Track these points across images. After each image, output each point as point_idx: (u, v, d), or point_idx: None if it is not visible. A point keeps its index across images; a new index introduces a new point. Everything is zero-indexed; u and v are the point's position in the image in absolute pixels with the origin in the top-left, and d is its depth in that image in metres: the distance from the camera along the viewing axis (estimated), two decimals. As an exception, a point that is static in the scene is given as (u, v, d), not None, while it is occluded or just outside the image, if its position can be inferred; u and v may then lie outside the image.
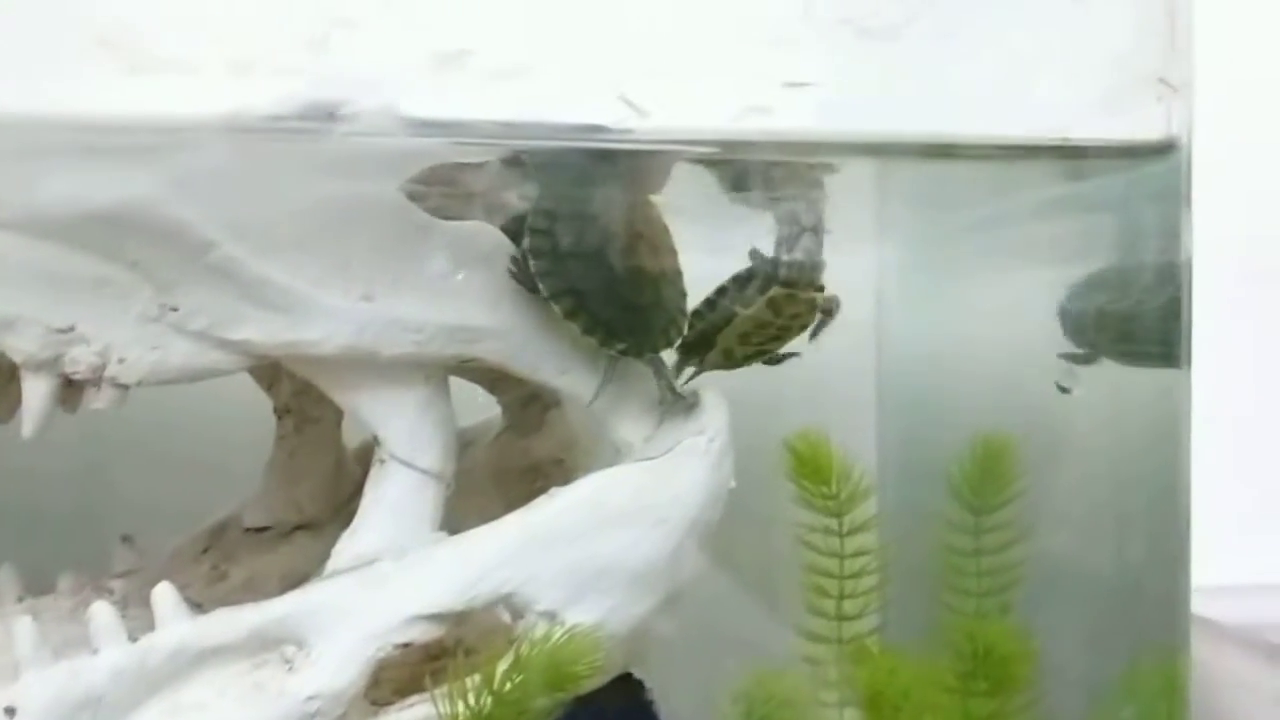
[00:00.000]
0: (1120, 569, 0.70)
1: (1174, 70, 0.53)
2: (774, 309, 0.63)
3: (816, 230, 0.60)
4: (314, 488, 0.72)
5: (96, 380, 0.56)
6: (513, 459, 0.75)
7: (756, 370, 0.75)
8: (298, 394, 0.72)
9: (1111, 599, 0.71)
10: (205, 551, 0.71)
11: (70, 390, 0.57)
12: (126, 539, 0.69)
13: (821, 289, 0.62)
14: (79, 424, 0.59)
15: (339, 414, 0.73)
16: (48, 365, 0.56)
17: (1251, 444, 1.08)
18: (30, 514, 0.69)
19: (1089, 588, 0.75)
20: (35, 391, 0.56)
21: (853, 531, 0.77)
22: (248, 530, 0.72)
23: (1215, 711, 0.94)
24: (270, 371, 0.71)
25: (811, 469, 0.76)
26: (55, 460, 0.66)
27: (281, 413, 0.72)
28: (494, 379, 0.73)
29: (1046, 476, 0.71)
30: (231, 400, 0.71)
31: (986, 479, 0.79)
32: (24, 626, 0.56)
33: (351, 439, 0.74)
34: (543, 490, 0.65)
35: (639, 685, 0.76)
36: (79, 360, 0.56)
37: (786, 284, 0.61)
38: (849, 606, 0.78)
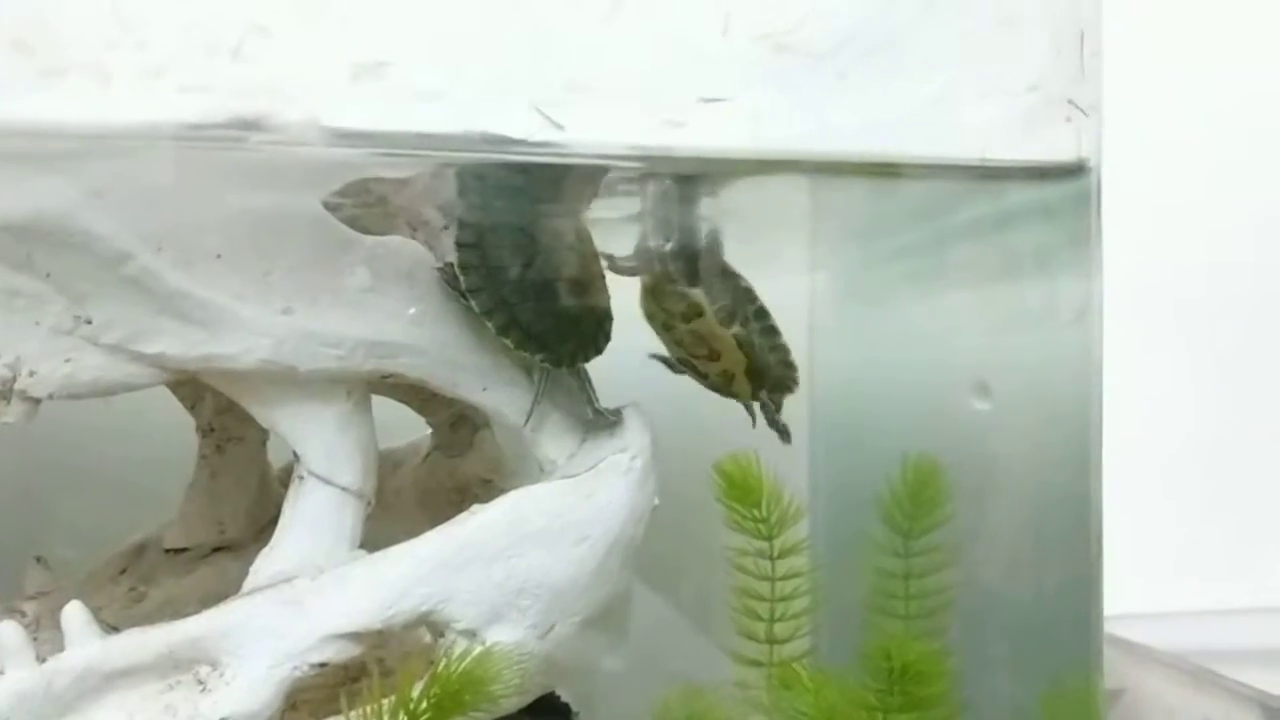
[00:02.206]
0: (1038, 591, 0.70)
1: (1083, 93, 0.54)
2: (655, 299, 0.64)
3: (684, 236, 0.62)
4: (236, 508, 0.71)
5: (6, 394, 0.55)
6: (441, 479, 0.75)
7: (688, 394, 0.75)
8: (221, 412, 0.71)
9: (1029, 620, 0.71)
10: (123, 573, 0.69)
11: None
12: (39, 559, 0.67)
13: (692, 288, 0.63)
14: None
15: (264, 433, 0.72)
16: (-45, 378, 0.54)
17: (1181, 472, 1.10)
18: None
19: (1009, 609, 0.75)
20: (-59, 405, 0.55)
21: (784, 554, 0.77)
22: (167, 551, 0.70)
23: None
24: (193, 390, 0.70)
25: (741, 491, 0.76)
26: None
27: (204, 431, 0.71)
28: (423, 399, 0.72)
29: (971, 499, 0.72)
30: (152, 418, 0.71)
31: (915, 502, 0.79)
32: (-75, 648, 0.55)
33: (276, 459, 0.73)
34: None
35: (565, 708, 0.75)
36: (-18, 378, 0.55)
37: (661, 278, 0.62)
38: (780, 629, 0.77)
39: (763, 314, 0.69)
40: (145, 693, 0.57)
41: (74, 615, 0.57)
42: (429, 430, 0.75)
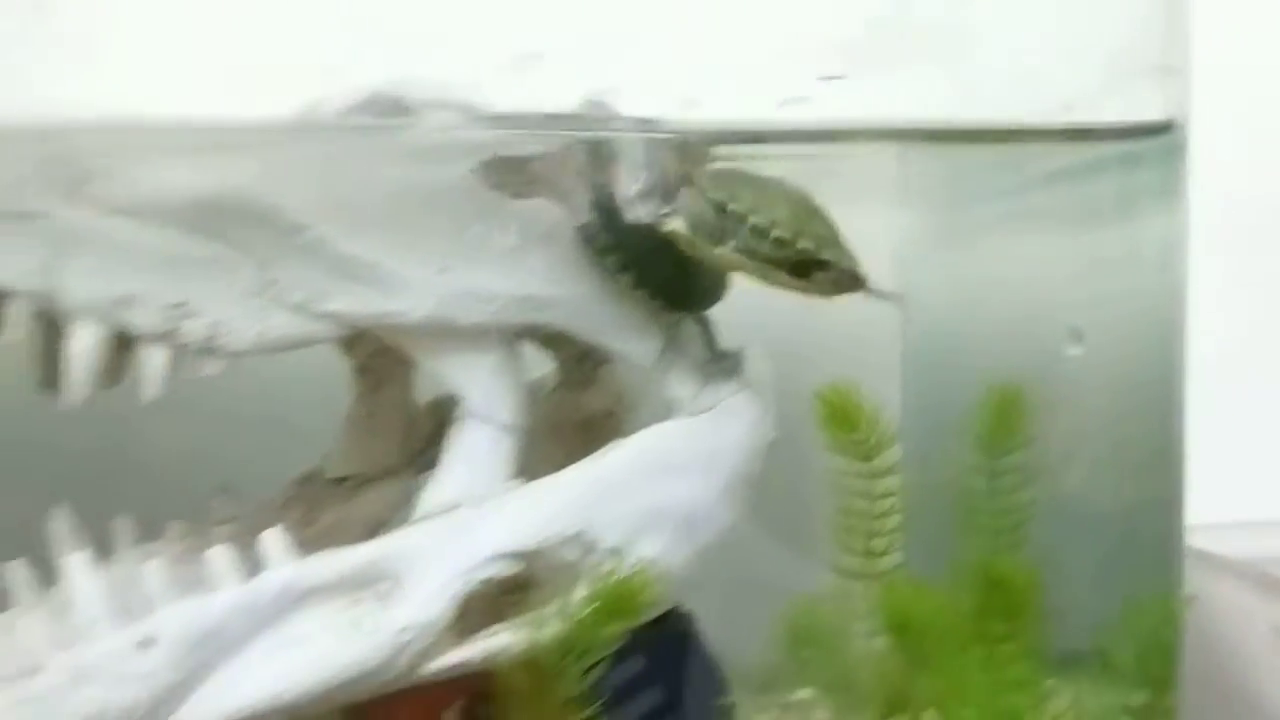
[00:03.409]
0: (1120, 507, 0.76)
1: (1172, 57, 0.59)
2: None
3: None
4: (389, 440, 0.79)
5: (209, 350, 0.63)
6: (567, 412, 0.82)
7: (791, 328, 0.82)
8: (374, 356, 0.79)
9: (1112, 534, 0.77)
10: (294, 500, 0.78)
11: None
12: (225, 490, 0.76)
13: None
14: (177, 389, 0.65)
15: (410, 374, 0.80)
16: (164, 337, 0.62)
17: (1251, 386, 1.14)
18: (140, 470, 0.77)
19: (1093, 524, 0.81)
20: (153, 362, 0.63)
21: (879, 475, 0.83)
22: (330, 481, 0.79)
23: (1213, 641, 1.01)
24: (349, 336, 0.78)
25: (841, 417, 0.82)
26: (159, 422, 0.73)
27: (359, 373, 0.79)
28: (549, 337, 0.80)
29: (1055, 422, 0.77)
30: (306, 363, 0.78)
31: (1000, 427, 0.85)
32: (155, 568, 0.63)
33: (421, 397, 0.81)
34: (595, 441, 0.72)
35: (688, 618, 0.83)
36: (192, 333, 0.63)
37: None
38: (877, 544, 0.84)
39: (760, 232, 0.68)
40: (334, 607, 0.66)
41: (272, 540, 0.65)
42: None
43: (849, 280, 0.68)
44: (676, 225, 0.65)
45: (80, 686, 0.61)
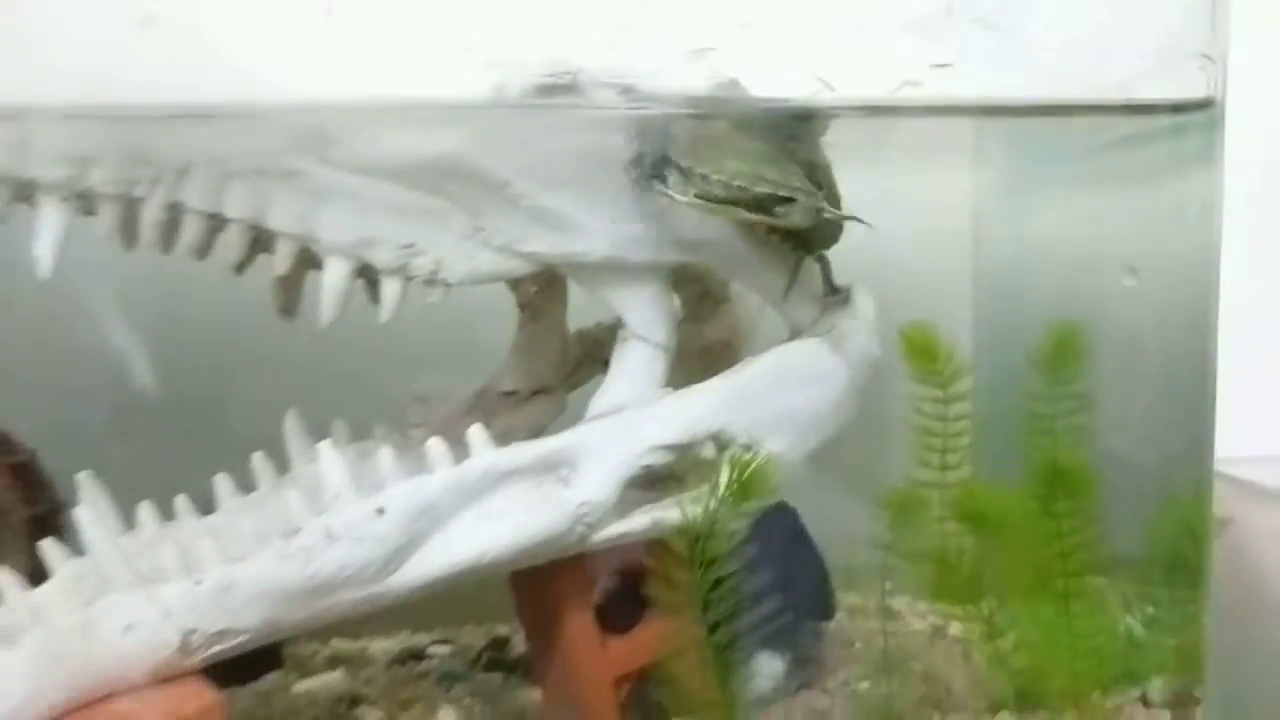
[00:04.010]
0: (1165, 423, 0.90)
1: (1213, 45, 0.73)
2: None
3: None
4: (547, 362, 0.95)
5: (431, 281, 0.79)
6: (691, 342, 0.97)
7: (876, 273, 0.96)
8: (535, 293, 0.95)
9: (1153, 448, 0.92)
10: (473, 409, 0.94)
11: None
12: (420, 399, 0.92)
13: None
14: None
15: (563, 309, 0.96)
16: (398, 271, 0.79)
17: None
18: (351, 384, 0.93)
19: (1138, 441, 0.95)
20: (390, 290, 0.79)
21: (953, 400, 0.98)
22: (500, 394, 0.95)
23: (1247, 558, 1.14)
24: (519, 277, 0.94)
25: (921, 351, 0.97)
26: (365, 344, 0.89)
27: (522, 308, 0.95)
28: (677, 279, 0.95)
29: (1106, 354, 0.92)
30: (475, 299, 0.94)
31: (1060, 359, 0.99)
32: (386, 454, 0.80)
33: (572, 326, 0.97)
34: (713, 366, 0.87)
35: (793, 512, 0.99)
36: (419, 268, 0.79)
37: None
38: (950, 459, 0.99)
39: (722, 183, 0.79)
40: (525, 487, 0.82)
41: (476, 433, 0.82)
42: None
43: (811, 211, 0.80)
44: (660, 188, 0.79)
45: (330, 545, 0.78)
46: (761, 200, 0.79)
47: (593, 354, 0.96)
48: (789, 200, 0.79)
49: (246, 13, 0.72)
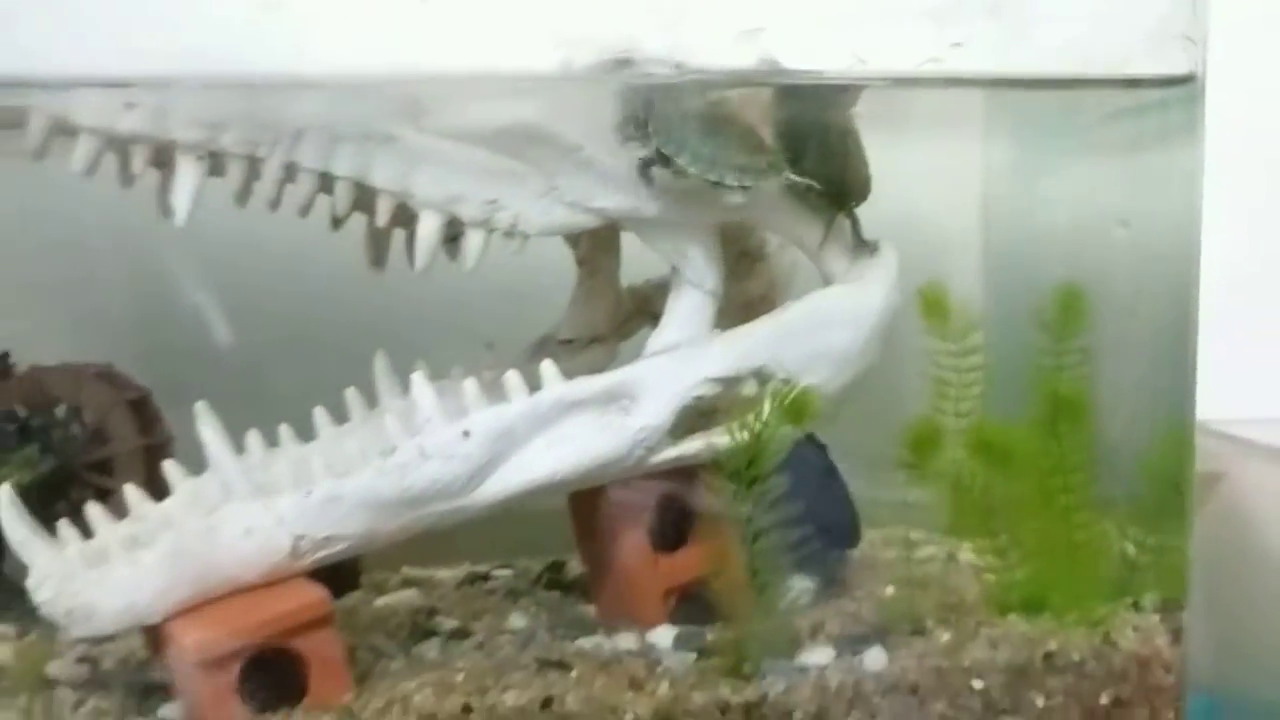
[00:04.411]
0: (1147, 367, 1.01)
1: (1194, 28, 0.84)
2: None
3: None
4: (602, 313, 1.06)
5: (510, 234, 0.91)
6: (731, 296, 1.07)
7: (897, 231, 1.07)
8: (591, 250, 1.06)
9: (1145, 390, 1.02)
10: (535, 354, 1.05)
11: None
12: (490, 345, 1.04)
13: None
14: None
15: (616, 265, 1.07)
16: (482, 224, 0.90)
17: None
18: (431, 329, 1.05)
19: (1132, 385, 1.06)
20: (474, 241, 0.90)
21: (965, 354, 1.09)
22: (560, 341, 1.06)
23: (1239, 510, 1.25)
24: (574, 236, 1.05)
25: (936, 308, 1.08)
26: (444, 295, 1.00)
27: (580, 263, 1.07)
28: (724, 237, 1.06)
29: (1103, 304, 1.03)
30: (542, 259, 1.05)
31: (1063, 316, 1.10)
32: (470, 384, 0.91)
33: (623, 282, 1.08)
34: (754, 317, 0.98)
35: (824, 447, 1.10)
36: (501, 221, 0.90)
37: None
38: (963, 406, 1.11)
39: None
40: (591, 415, 0.93)
41: (548, 367, 0.93)
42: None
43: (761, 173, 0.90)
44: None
45: (423, 462, 0.89)
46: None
47: (642, 308, 1.08)
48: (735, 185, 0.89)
49: (356, -1, 0.83)
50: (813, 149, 0.92)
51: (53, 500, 1.02)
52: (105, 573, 0.87)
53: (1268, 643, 1.17)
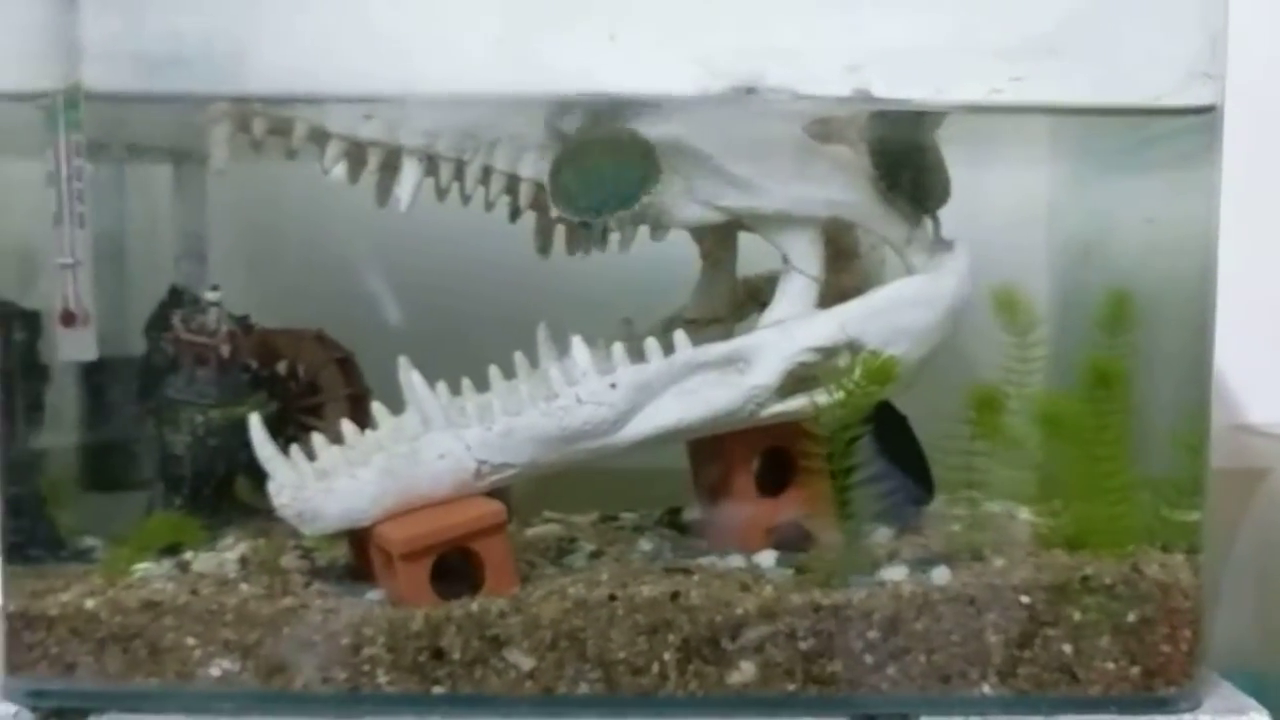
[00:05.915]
0: (1176, 361, 1.19)
1: (1214, 65, 1.05)
2: None
3: None
4: (721, 299, 1.28)
5: (657, 225, 1.13)
6: (830, 289, 1.26)
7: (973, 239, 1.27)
8: (713, 245, 1.28)
9: (1173, 371, 1.21)
10: (665, 330, 1.27)
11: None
12: (628, 321, 1.26)
13: None
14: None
15: (734, 258, 1.29)
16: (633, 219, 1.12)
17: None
18: (577, 308, 1.27)
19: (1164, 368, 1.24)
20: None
21: (1032, 346, 1.28)
22: (686, 320, 1.28)
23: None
24: (699, 233, 1.27)
25: (1007, 307, 1.28)
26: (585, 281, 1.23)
27: (704, 256, 1.29)
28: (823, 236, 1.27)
29: (1141, 297, 1.21)
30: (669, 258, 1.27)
31: (1114, 317, 1.29)
32: (617, 347, 1.13)
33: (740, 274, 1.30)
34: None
35: (904, 416, 1.31)
36: (649, 215, 1.12)
37: None
38: (1025, 386, 1.30)
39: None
40: (713, 375, 1.14)
41: (680, 335, 1.15)
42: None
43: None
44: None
45: (579, 407, 1.11)
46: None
47: (754, 297, 1.29)
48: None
49: (552, 33, 1.06)
50: (903, 163, 1.13)
51: (274, 437, 1.27)
52: (330, 483, 1.11)
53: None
